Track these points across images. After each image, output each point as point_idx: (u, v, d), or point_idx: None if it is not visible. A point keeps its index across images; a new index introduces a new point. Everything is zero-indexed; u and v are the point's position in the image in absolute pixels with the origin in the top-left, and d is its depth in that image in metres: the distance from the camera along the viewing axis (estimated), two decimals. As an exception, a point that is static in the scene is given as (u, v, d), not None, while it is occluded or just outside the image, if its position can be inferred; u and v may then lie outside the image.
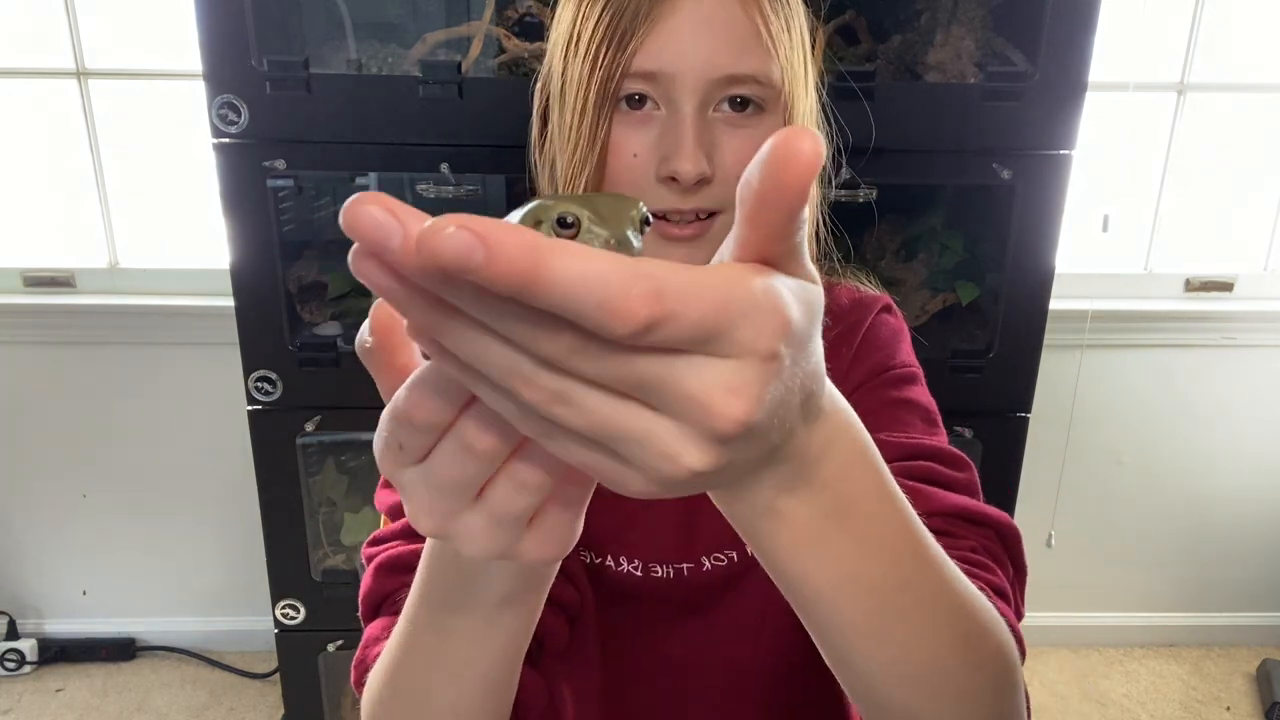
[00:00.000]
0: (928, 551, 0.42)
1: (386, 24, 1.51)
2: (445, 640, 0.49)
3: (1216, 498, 2.14)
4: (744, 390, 0.29)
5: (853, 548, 0.39)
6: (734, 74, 0.64)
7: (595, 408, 0.29)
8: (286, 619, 1.59)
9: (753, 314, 0.29)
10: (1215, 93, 1.96)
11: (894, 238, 1.61)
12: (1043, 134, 1.35)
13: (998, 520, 0.63)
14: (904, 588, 0.41)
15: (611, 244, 0.31)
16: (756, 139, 0.65)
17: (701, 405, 0.29)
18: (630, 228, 0.32)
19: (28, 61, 1.88)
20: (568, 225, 0.31)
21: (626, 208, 0.32)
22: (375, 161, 1.40)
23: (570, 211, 0.31)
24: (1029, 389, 1.49)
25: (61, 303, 1.94)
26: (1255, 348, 2.03)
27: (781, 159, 0.28)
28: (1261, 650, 2.18)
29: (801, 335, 0.31)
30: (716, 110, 0.65)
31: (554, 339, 0.27)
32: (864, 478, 0.39)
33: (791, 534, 0.38)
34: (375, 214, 0.26)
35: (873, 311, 0.78)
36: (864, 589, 0.40)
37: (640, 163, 0.65)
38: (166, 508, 2.07)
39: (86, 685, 2.02)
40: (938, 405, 0.75)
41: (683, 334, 0.27)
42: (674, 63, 0.63)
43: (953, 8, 1.42)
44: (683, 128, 0.64)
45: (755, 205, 0.30)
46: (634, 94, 0.65)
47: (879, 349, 0.75)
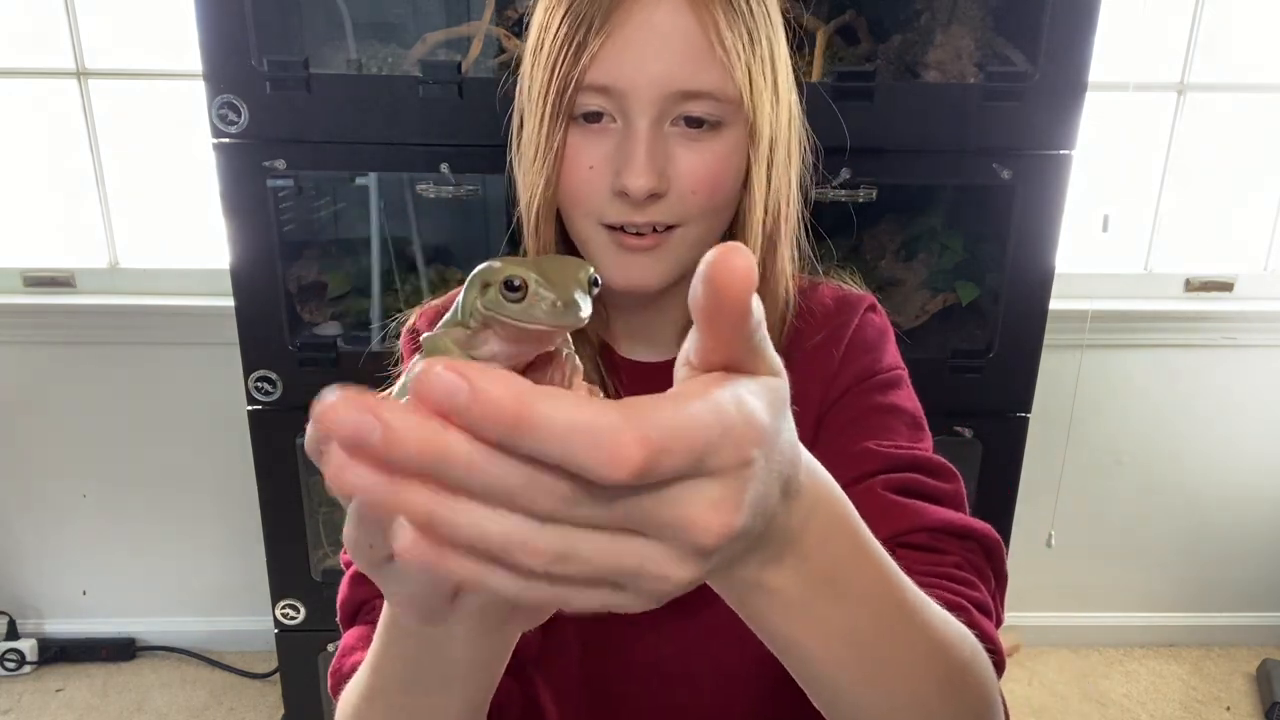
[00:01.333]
0: (908, 599, 0.44)
1: (386, 24, 1.51)
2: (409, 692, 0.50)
3: (1216, 498, 2.14)
4: (724, 503, 0.30)
5: (839, 609, 0.41)
6: (687, 90, 0.62)
7: (594, 554, 0.29)
8: (286, 619, 1.59)
9: (729, 433, 0.30)
10: (1215, 93, 1.96)
11: (894, 238, 1.61)
12: (1043, 134, 1.35)
13: (981, 533, 0.64)
14: (888, 638, 0.43)
15: (559, 306, 0.31)
16: (713, 153, 0.64)
17: (687, 525, 0.30)
18: (578, 289, 0.32)
19: (28, 61, 1.88)
20: (515, 289, 0.31)
21: (574, 270, 0.33)
22: (375, 161, 1.40)
23: (517, 275, 0.31)
24: (1029, 389, 1.49)
25: (61, 303, 1.94)
26: (1255, 348, 2.03)
27: (718, 280, 0.30)
28: (1261, 650, 2.18)
29: (772, 435, 0.32)
30: (673, 124, 0.64)
31: (550, 489, 0.28)
32: (844, 541, 0.40)
33: (780, 604, 0.39)
34: (346, 411, 0.27)
35: (858, 312, 0.77)
36: (851, 645, 0.42)
37: (596, 175, 0.65)
38: (166, 508, 2.07)
39: (86, 685, 2.02)
40: (938, 405, 0.75)
41: (673, 470, 0.28)
42: (627, 77, 0.62)
43: (952, 8, 1.42)
44: (635, 143, 0.63)
45: (705, 320, 0.31)
46: (591, 110, 0.64)
47: (866, 351, 0.75)
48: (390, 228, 1.56)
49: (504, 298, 0.31)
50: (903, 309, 1.57)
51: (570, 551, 0.29)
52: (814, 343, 0.75)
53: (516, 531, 0.29)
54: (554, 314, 0.32)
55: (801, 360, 0.73)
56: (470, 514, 0.28)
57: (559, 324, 0.32)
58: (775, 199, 0.69)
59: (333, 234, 1.66)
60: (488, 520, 0.28)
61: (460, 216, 1.69)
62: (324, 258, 1.59)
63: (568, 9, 0.63)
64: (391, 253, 1.58)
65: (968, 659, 0.48)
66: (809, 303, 0.76)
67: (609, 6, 0.61)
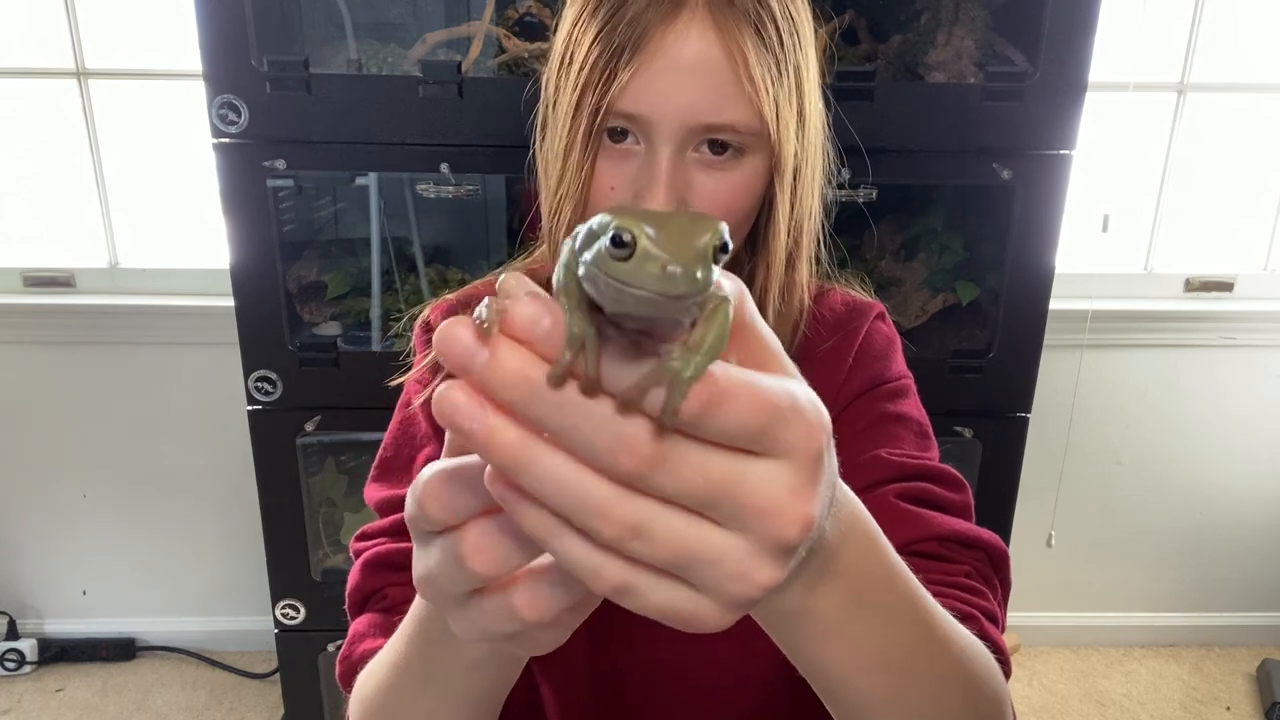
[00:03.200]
0: (933, 616, 0.45)
1: (386, 24, 1.51)
2: (430, 677, 0.50)
3: (1216, 498, 2.14)
4: (804, 492, 0.30)
5: (872, 629, 0.41)
6: (711, 123, 0.63)
7: (670, 533, 0.29)
8: (286, 619, 1.59)
9: (801, 413, 0.30)
10: (1215, 93, 1.96)
11: (894, 238, 1.61)
12: (1043, 134, 1.35)
13: (989, 543, 0.65)
14: (916, 655, 0.44)
15: (669, 271, 0.26)
16: (732, 183, 0.65)
17: (772, 514, 0.29)
18: (695, 256, 0.27)
19: (28, 61, 1.88)
20: (621, 244, 0.27)
21: (699, 231, 0.27)
22: (375, 161, 1.40)
23: (628, 228, 0.27)
24: (1029, 389, 1.48)
25: (61, 303, 1.94)
26: (1255, 348, 2.03)
27: None
28: (1261, 650, 2.18)
29: (831, 436, 0.32)
30: (695, 151, 0.64)
31: (634, 444, 0.28)
32: (876, 560, 0.41)
33: (819, 627, 0.39)
34: (461, 333, 0.28)
35: (868, 319, 0.78)
36: (883, 665, 0.42)
37: (617, 195, 0.66)
38: (166, 508, 2.07)
39: (86, 685, 2.02)
40: (938, 405, 0.76)
41: (740, 419, 0.28)
42: (653, 107, 0.62)
43: (954, 8, 1.42)
44: (657, 169, 0.63)
45: None
46: (616, 127, 0.65)
47: (875, 360, 0.76)
48: (390, 228, 1.56)
49: (610, 253, 0.27)
50: (903, 309, 1.57)
51: (646, 525, 0.29)
52: (824, 350, 0.75)
53: (596, 489, 0.28)
54: (663, 281, 0.26)
55: (811, 367, 0.73)
56: (555, 460, 0.28)
57: (667, 293, 0.26)
58: (798, 220, 0.70)
59: (333, 234, 1.66)
60: (571, 472, 0.28)
61: (460, 216, 1.69)
62: (324, 258, 1.59)
63: (599, 33, 0.62)
64: (391, 253, 1.58)
65: (983, 669, 0.49)
66: (820, 309, 0.77)
67: (639, 36, 0.61)
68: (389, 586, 0.68)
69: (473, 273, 1.61)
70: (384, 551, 0.67)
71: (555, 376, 0.28)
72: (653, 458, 0.28)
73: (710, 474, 0.29)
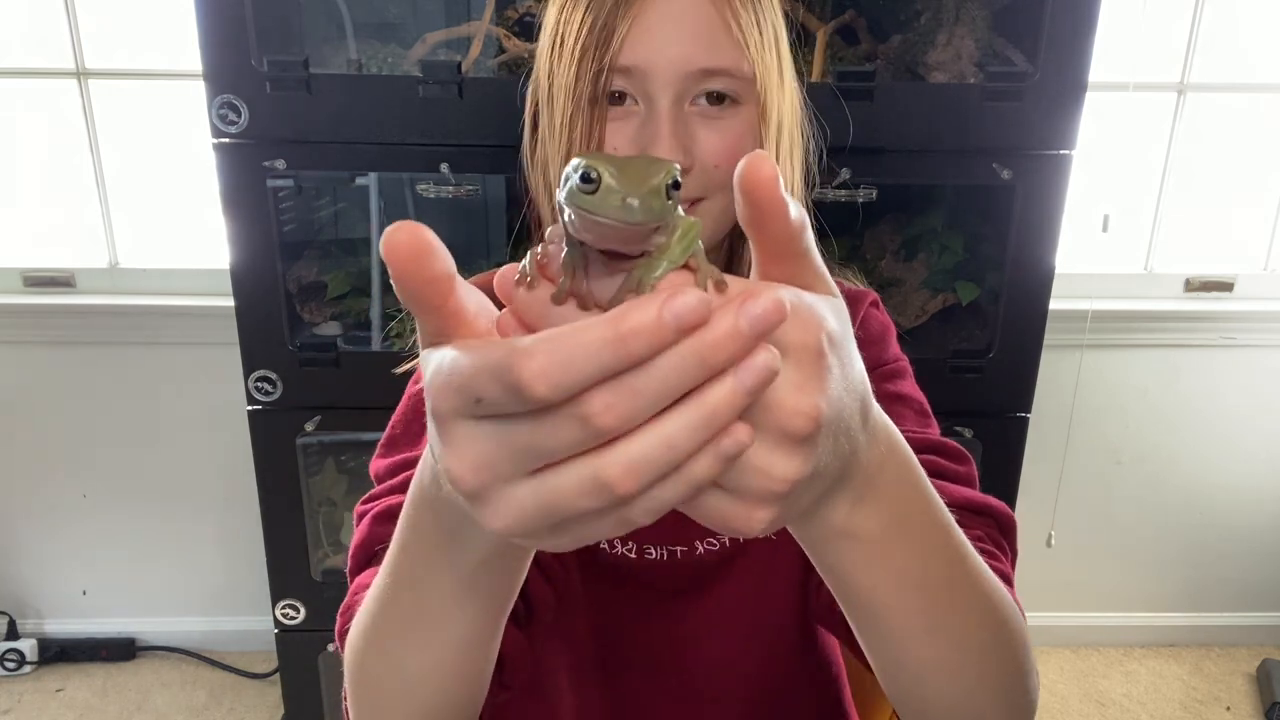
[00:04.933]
0: (964, 547, 0.46)
1: (386, 24, 1.51)
2: (422, 598, 0.48)
3: (1216, 498, 2.14)
4: (806, 386, 0.32)
5: (912, 553, 0.42)
6: (707, 67, 0.65)
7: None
8: (286, 619, 1.60)
9: (794, 310, 0.32)
10: (1215, 93, 1.96)
11: (894, 238, 1.61)
12: (1043, 134, 1.35)
13: (998, 509, 0.66)
14: (952, 584, 0.45)
15: (627, 202, 0.31)
16: (733, 130, 0.67)
17: (774, 406, 0.32)
18: (650, 191, 0.31)
19: (28, 61, 1.88)
20: (589, 181, 0.32)
21: (654, 171, 0.32)
22: (375, 161, 1.40)
23: (594, 167, 0.32)
24: (1029, 389, 1.49)
25: (61, 303, 1.94)
26: (1255, 348, 2.03)
27: (749, 182, 0.33)
28: (1261, 650, 2.18)
29: (840, 338, 0.34)
30: (693, 104, 0.67)
31: None
32: (914, 485, 0.42)
33: (863, 549, 0.41)
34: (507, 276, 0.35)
35: (862, 306, 0.80)
36: (920, 590, 0.44)
37: None
38: (166, 508, 2.07)
39: (86, 685, 2.02)
40: (938, 405, 0.77)
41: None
42: (648, 58, 0.65)
43: (954, 8, 1.42)
44: (659, 121, 0.66)
45: (753, 225, 0.34)
46: (614, 91, 0.67)
47: (871, 344, 0.77)
48: (390, 228, 1.56)
49: (579, 189, 0.32)
50: (903, 309, 1.57)
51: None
52: None
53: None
54: (621, 210, 0.31)
55: None
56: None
57: (625, 220, 0.31)
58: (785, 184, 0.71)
59: (333, 234, 1.66)
60: None
61: (460, 216, 1.69)
62: (324, 258, 1.59)
63: (589, 4, 0.66)
64: (391, 253, 1.57)
65: (1009, 611, 0.50)
66: None
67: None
68: None
69: (473, 273, 1.60)
70: (395, 503, 0.66)
71: (556, 296, 0.33)
72: None
73: None
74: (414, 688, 0.52)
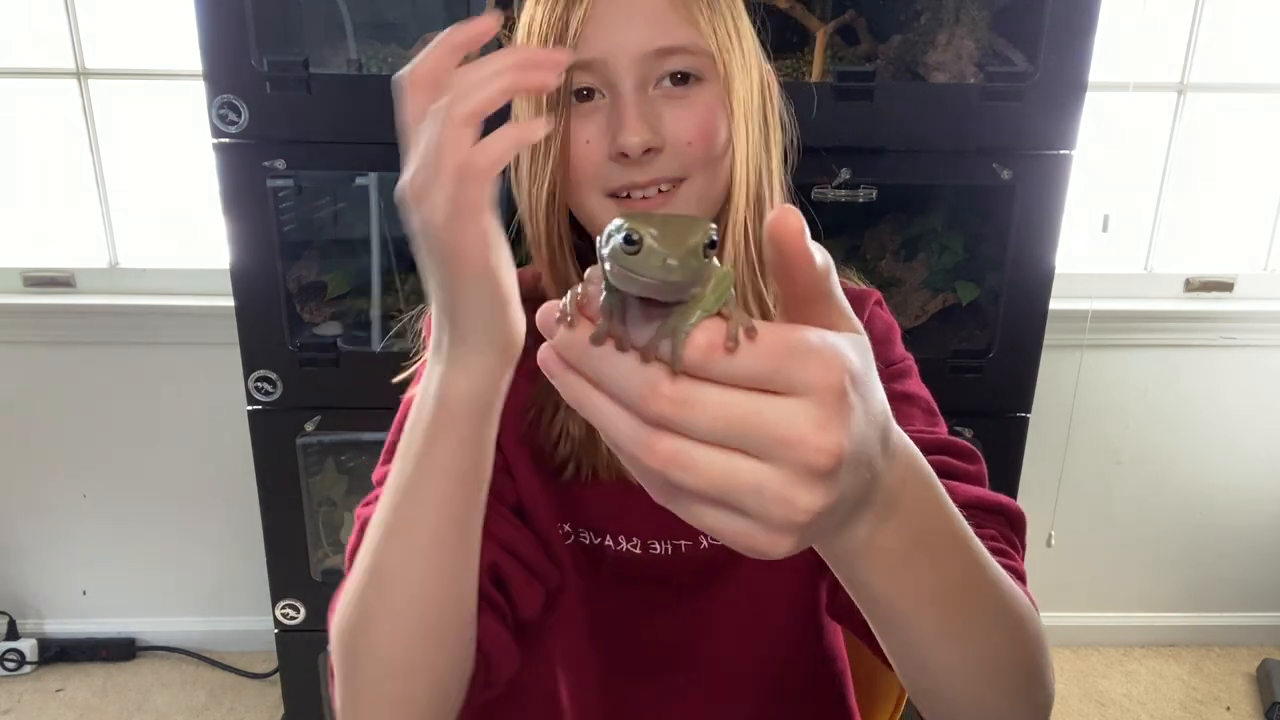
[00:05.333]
0: (981, 556, 0.47)
1: (386, 24, 1.51)
2: (401, 505, 0.56)
3: (1216, 498, 2.14)
4: (830, 425, 0.34)
5: (932, 565, 0.44)
6: (663, 46, 0.66)
7: (709, 464, 0.34)
8: (286, 619, 1.60)
9: (815, 354, 0.34)
10: (1215, 93, 1.96)
11: (894, 238, 1.61)
12: (1043, 134, 1.35)
13: (1008, 507, 0.67)
14: (970, 591, 0.47)
15: (667, 263, 0.33)
16: (701, 104, 0.68)
17: (796, 443, 0.33)
18: (688, 252, 0.34)
19: (28, 61, 1.88)
20: (632, 243, 0.34)
21: (692, 231, 0.34)
22: (375, 161, 1.40)
23: (636, 230, 0.34)
24: (1029, 389, 1.49)
25: (61, 303, 1.94)
26: (1255, 348, 2.03)
27: (778, 236, 0.35)
28: (1261, 650, 2.18)
29: (862, 377, 0.36)
30: (657, 87, 0.67)
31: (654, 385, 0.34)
32: (934, 500, 0.44)
33: (885, 563, 0.42)
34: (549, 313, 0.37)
35: (866, 306, 0.80)
36: (940, 600, 0.45)
37: (593, 148, 0.67)
38: (166, 508, 2.07)
39: (86, 685, 2.03)
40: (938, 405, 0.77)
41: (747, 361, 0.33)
42: (607, 47, 0.66)
43: (954, 8, 1.42)
44: (623, 105, 0.66)
45: (781, 277, 0.36)
46: (581, 88, 0.67)
47: (878, 344, 0.76)
48: (390, 228, 1.56)
49: (623, 251, 0.34)
50: (903, 309, 1.57)
51: (685, 457, 0.34)
52: None
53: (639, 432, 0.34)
54: (662, 271, 0.33)
55: None
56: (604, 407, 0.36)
57: (665, 280, 0.34)
58: (756, 162, 0.71)
59: (333, 234, 1.66)
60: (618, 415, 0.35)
61: (460, 216, 1.69)
62: (324, 258, 1.59)
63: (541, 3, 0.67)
64: (391, 253, 1.57)
65: (1025, 611, 0.51)
66: None
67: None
68: None
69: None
70: None
71: (595, 337, 0.35)
72: (675, 398, 0.33)
73: (731, 411, 0.33)
74: (397, 609, 0.58)
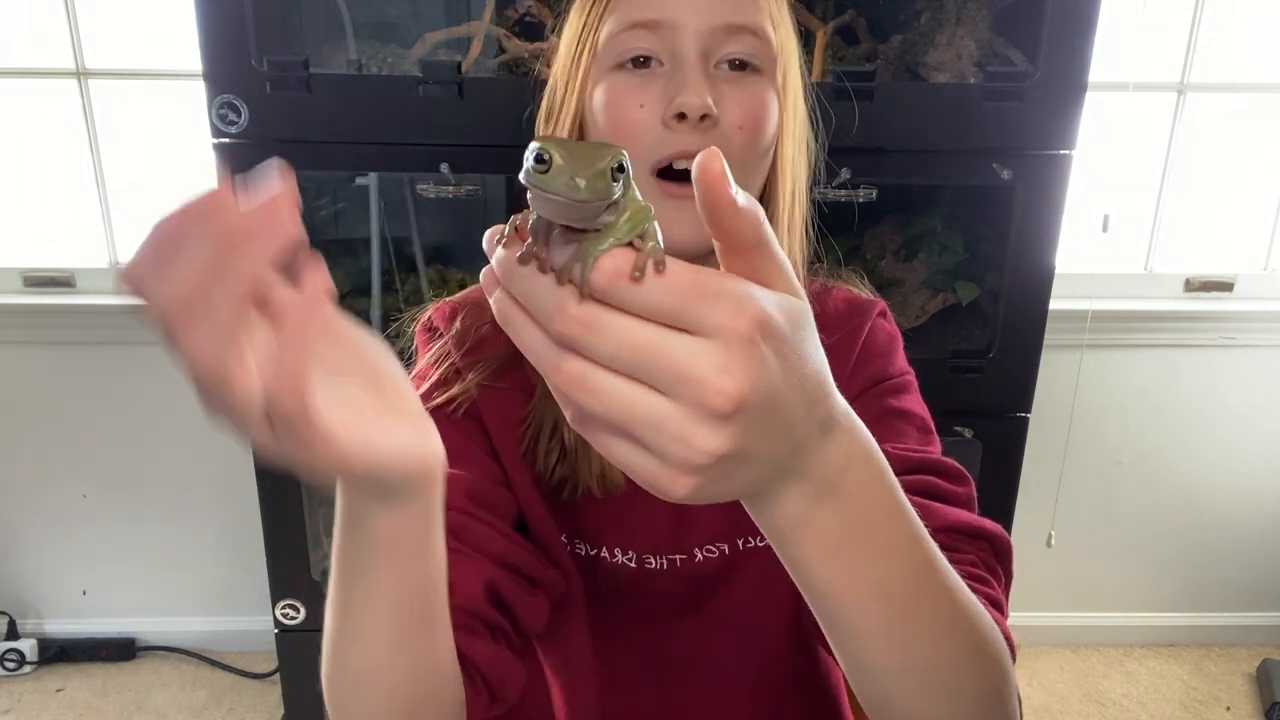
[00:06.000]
0: (936, 561, 0.46)
1: (386, 24, 1.51)
2: (348, 590, 0.50)
3: (1216, 498, 2.14)
4: (731, 368, 0.33)
5: (873, 557, 0.43)
6: (733, 22, 0.65)
7: (610, 389, 0.34)
8: (286, 619, 1.60)
9: (725, 296, 0.34)
10: (1215, 93, 1.96)
11: (894, 238, 1.61)
12: (1043, 134, 1.35)
13: (993, 533, 0.66)
14: (917, 594, 0.45)
15: (574, 181, 0.34)
16: (756, 93, 0.67)
17: (696, 381, 0.33)
18: (596, 173, 0.34)
19: (28, 61, 1.88)
20: (542, 161, 0.34)
21: (602, 155, 0.35)
22: (375, 161, 1.40)
23: (547, 150, 0.35)
24: (1029, 389, 1.48)
25: (61, 303, 1.94)
26: (1255, 348, 2.03)
27: (701, 179, 0.35)
28: (1261, 650, 2.18)
29: (782, 332, 0.35)
30: (717, 68, 0.67)
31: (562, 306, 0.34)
32: (881, 490, 0.43)
33: (821, 544, 0.42)
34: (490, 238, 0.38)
35: (870, 316, 0.79)
36: (883, 595, 0.44)
37: (647, 112, 0.66)
38: (166, 507, 2.07)
39: (86, 685, 2.02)
40: (938, 405, 0.77)
41: (654, 294, 0.34)
42: (674, 11, 0.65)
43: (954, 8, 1.42)
44: (688, 68, 0.65)
45: (707, 220, 0.36)
46: (640, 55, 0.66)
47: (878, 356, 0.76)
48: (390, 228, 1.56)
49: (533, 169, 0.35)
50: (903, 309, 1.57)
51: (589, 379, 0.34)
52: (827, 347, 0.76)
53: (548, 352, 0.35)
54: (569, 189, 0.34)
55: None
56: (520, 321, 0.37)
57: (571, 197, 0.34)
58: (794, 166, 0.71)
59: (333, 234, 1.66)
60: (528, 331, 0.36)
61: (460, 216, 1.69)
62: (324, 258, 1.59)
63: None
64: (391, 253, 1.57)
65: (987, 633, 0.50)
66: (821, 306, 0.78)
67: None
68: None
69: (473, 273, 1.61)
70: None
71: (522, 257, 0.36)
72: (580, 319, 0.34)
73: (636, 340, 0.34)
74: (362, 688, 0.53)
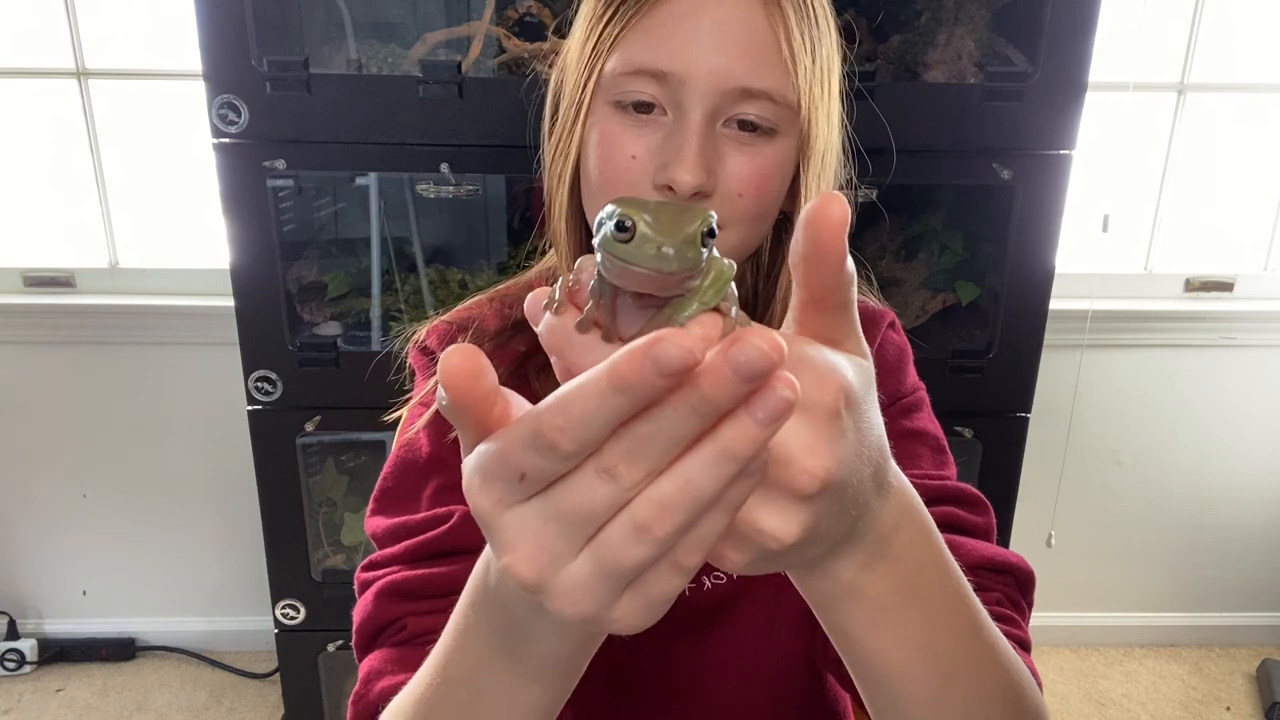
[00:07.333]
0: (979, 617, 0.44)
1: (386, 24, 1.51)
2: (479, 695, 0.44)
3: (1216, 498, 2.14)
4: (819, 447, 0.31)
5: (921, 620, 0.41)
6: (748, 87, 0.59)
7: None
8: (286, 619, 1.60)
9: (811, 367, 0.32)
10: (1215, 93, 1.96)
11: (894, 238, 1.61)
12: (1043, 134, 1.35)
13: (1017, 566, 0.64)
14: (963, 655, 0.43)
15: (663, 252, 0.31)
16: (764, 158, 0.61)
17: (781, 461, 0.31)
18: (685, 240, 0.31)
19: (28, 61, 1.88)
20: (624, 229, 0.31)
21: (689, 219, 0.32)
22: (375, 161, 1.40)
23: (629, 215, 0.31)
24: (1029, 389, 1.49)
25: (61, 303, 1.94)
26: (1255, 348, 2.03)
27: (815, 223, 0.32)
28: (1261, 650, 2.18)
29: (859, 400, 0.33)
30: (725, 126, 0.61)
31: None
32: (929, 551, 0.41)
33: (869, 610, 0.40)
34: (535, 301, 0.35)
35: (880, 329, 0.76)
36: (930, 659, 0.42)
37: (638, 165, 0.61)
38: (166, 508, 2.07)
39: (86, 685, 2.02)
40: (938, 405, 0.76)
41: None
42: (686, 65, 0.59)
43: (954, 8, 1.42)
44: (687, 134, 0.59)
45: (804, 268, 0.33)
46: (642, 100, 0.61)
47: (889, 373, 0.74)
48: (390, 228, 1.56)
49: (614, 237, 0.32)
50: (903, 309, 1.57)
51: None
52: None
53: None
54: (657, 260, 0.31)
55: None
56: None
57: (660, 270, 0.31)
58: None
59: (333, 234, 1.66)
60: None
61: (460, 216, 1.69)
62: (324, 258, 1.59)
63: None
64: (391, 253, 1.58)
65: (1025, 684, 0.48)
66: None
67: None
68: (408, 616, 0.62)
69: (473, 273, 1.61)
70: (400, 579, 0.63)
71: (581, 324, 0.33)
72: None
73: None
74: None
